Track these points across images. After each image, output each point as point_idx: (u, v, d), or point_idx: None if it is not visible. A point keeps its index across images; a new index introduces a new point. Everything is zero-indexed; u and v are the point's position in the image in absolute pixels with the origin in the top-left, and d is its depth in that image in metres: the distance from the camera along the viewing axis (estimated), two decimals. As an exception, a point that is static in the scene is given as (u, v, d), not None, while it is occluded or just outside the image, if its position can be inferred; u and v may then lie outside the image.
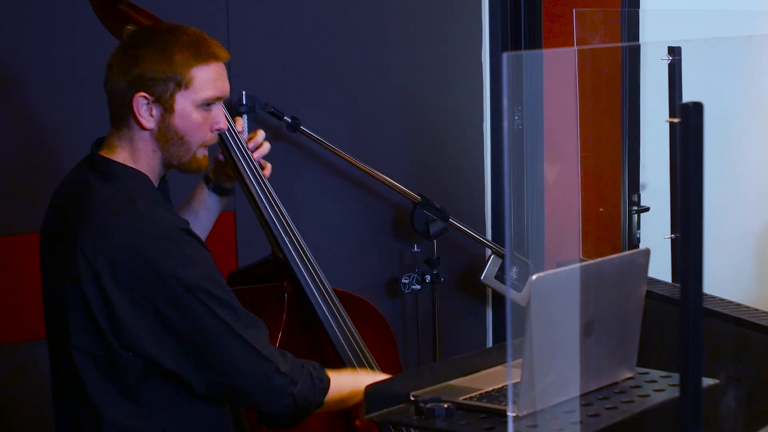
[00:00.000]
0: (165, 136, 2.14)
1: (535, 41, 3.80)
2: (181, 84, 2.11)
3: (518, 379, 1.79)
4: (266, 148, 2.53)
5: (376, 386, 1.97)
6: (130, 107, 2.12)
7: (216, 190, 2.54)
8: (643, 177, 3.56)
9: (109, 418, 2.10)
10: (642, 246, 3.36)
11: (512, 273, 3.48)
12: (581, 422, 1.80)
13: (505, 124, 3.42)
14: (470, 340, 3.93)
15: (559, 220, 3.72)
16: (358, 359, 2.58)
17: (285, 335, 2.53)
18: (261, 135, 2.52)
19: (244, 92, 3.32)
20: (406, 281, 3.52)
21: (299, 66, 3.51)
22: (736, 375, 2.34)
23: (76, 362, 2.10)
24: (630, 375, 2.01)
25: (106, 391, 2.10)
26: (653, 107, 3.42)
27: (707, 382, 1.93)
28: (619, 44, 3.50)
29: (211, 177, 2.54)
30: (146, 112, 2.12)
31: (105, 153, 2.18)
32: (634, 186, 3.53)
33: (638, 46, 3.50)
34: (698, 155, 1.31)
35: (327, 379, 2.20)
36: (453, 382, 2.05)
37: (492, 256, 3.55)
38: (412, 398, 1.95)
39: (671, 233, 3.02)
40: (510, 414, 1.81)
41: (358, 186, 3.65)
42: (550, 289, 1.79)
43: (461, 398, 1.93)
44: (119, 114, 2.15)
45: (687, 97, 2.98)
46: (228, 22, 3.34)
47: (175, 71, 2.10)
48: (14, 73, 3.07)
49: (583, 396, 1.89)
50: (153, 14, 2.42)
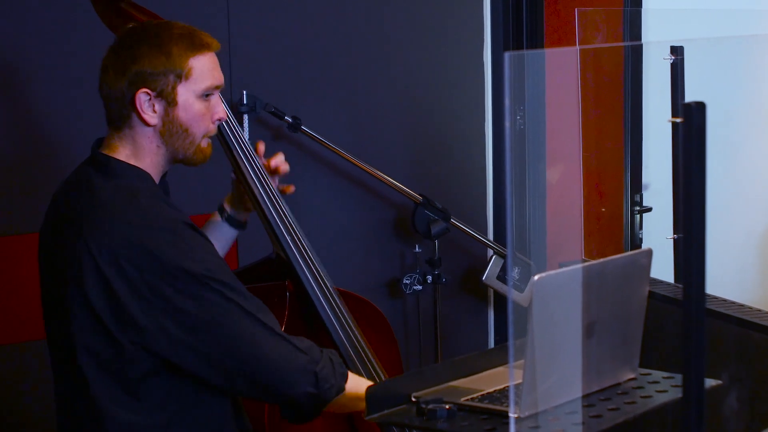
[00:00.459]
0: (169, 130, 2.15)
1: (537, 41, 3.79)
2: (181, 76, 2.12)
3: (520, 380, 1.79)
4: (286, 168, 2.57)
5: (378, 387, 1.97)
6: (133, 105, 2.13)
7: (230, 221, 2.55)
8: (646, 177, 3.55)
9: (112, 415, 2.10)
10: (644, 246, 3.35)
11: (514, 273, 3.47)
12: (583, 423, 1.80)
13: (507, 123, 3.42)
14: (472, 340, 3.93)
15: (561, 220, 3.71)
16: (360, 359, 2.58)
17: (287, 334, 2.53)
18: (281, 156, 2.57)
19: (244, 92, 3.31)
20: (408, 282, 3.51)
21: (300, 66, 3.51)
22: (739, 376, 2.34)
23: (79, 360, 2.10)
24: (632, 376, 2.00)
25: (110, 388, 2.10)
26: (656, 107, 3.41)
27: (710, 383, 1.92)
28: (622, 44, 3.49)
29: (226, 208, 2.55)
30: (149, 108, 2.13)
31: (106, 152, 2.18)
32: (637, 186, 3.52)
33: (641, 46, 3.50)
34: (701, 155, 1.30)
35: (345, 368, 2.21)
36: (454, 383, 2.05)
37: (494, 257, 3.54)
38: (413, 399, 1.95)
39: (674, 233, 3.02)
40: (512, 415, 1.80)
41: (359, 186, 3.64)
42: (552, 290, 1.79)
43: (463, 399, 1.93)
44: (119, 115, 2.15)
45: (690, 96, 2.97)
46: (228, 22, 3.34)
47: (173, 64, 2.12)
48: (14, 73, 3.07)
49: (585, 397, 1.88)
50: (155, 13, 2.42)
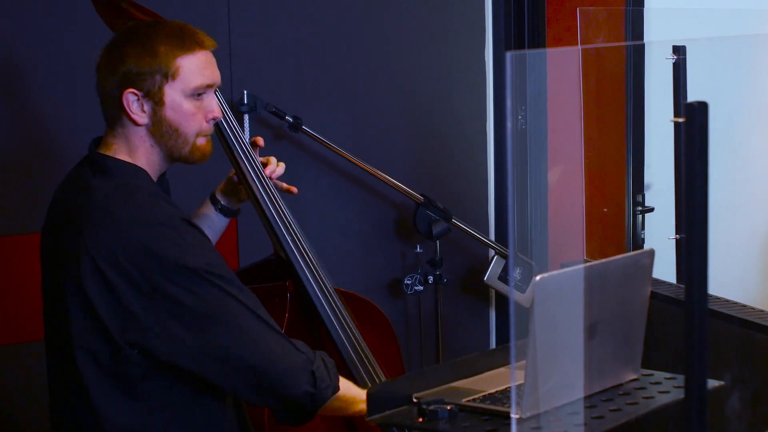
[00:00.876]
0: (159, 129, 2.14)
1: (538, 40, 3.79)
2: (167, 75, 2.12)
3: (522, 381, 1.79)
4: (281, 169, 2.56)
5: (379, 388, 1.96)
6: (121, 105, 2.13)
7: (222, 211, 2.54)
8: (648, 177, 3.54)
9: (110, 417, 2.10)
10: (646, 247, 3.34)
11: (516, 274, 3.47)
12: (585, 424, 1.80)
13: (509, 123, 3.41)
14: (473, 341, 3.92)
15: (562, 220, 3.70)
16: (360, 360, 2.57)
17: (287, 335, 2.52)
18: (274, 160, 2.56)
19: (245, 92, 3.31)
20: (409, 282, 3.50)
21: (301, 65, 3.50)
22: (741, 376, 2.33)
23: (78, 362, 2.10)
24: (634, 376, 2.00)
25: (108, 390, 2.10)
26: (658, 107, 3.41)
27: (712, 383, 1.92)
28: (624, 43, 3.49)
29: (219, 199, 2.55)
30: (137, 108, 2.13)
31: (102, 151, 2.18)
32: (639, 186, 3.52)
33: (643, 45, 3.49)
34: (703, 155, 1.31)
35: (336, 370, 2.21)
36: (456, 384, 2.05)
37: (495, 257, 3.54)
38: (414, 400, 1.94)
39: (676, 234, 3.02)
40: (513, 416, 1.80)
41: (360, 186, 3.64)
42: (554, 290, 1.78)
43: (464, 400, 1.93)
44: (112, 114, 2.16)
45: (692, 96, 2.97)
46: (229, 22, 3.34)
47: (160, 63, 2.11)
48: (14, 73, 3.06)
49: (587, 398, 1.88)
50: (155, 12, 2.41)
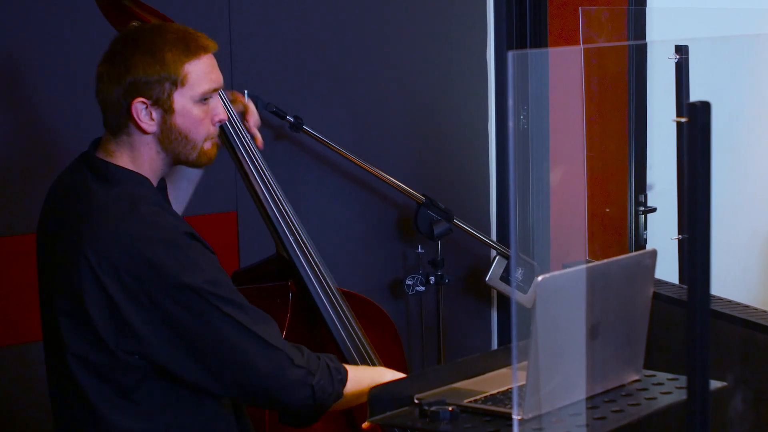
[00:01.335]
0: (168, 137, 2.12)
1: (540, 40, 3.78)
2: (176, 83, 2.09)
3: (523, 382, 1.78)
4: (256, 116, 2.58)
5: (380, 389, 1.96)
6: (130, 114, 2.10)
7: None
8: (650, 177, 3.54)
9: (109, 421, 2.09)
10: (649, 247, 3.34)
11: (517, 274, 3.46)
12: (587, 425, 1.80)
13: (511, 123, 3.41)
14: (475, 342, 3.92)
15: (564, 220, 3.70)
16: (363, 360, 2.57)
17: (289, 335, 2.52)
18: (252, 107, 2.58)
19: (246, 91, 3.27)
20: (410, 282, 3.50)
21: (301, 65, 3.50)
22: (744, 377, 2.32)
23: (73, 368, 2.09)
24: (637, 377, 2.00)
25: (106, 395, 2.09)
26: (660, 106, 3.40)
27: (715, 384, 1.92)
28: (626, 43, 3.48)
29: None
30: (146, 116, 2.10)
31: (102, 157, 2.15)
32: (641, 186, 3.51)
33: (645, 45, 3.49)
34: (706, 155, 1.31)
35: (344, 371, 2.19)
36: (457, 385, 2.04)
37: (497, 257, 3.53)
38: (416, 401, 1.94)
39: (678, 234, 3.01)
40: (515, 417, 1.80)
41: (361, 186, 3.63)
42: (556, 291, 1.78)
43: (466, 401, 1.93)
44: (117, 122, 2.13)
45: (694, 96, 2.96)
46: (230, 22, 3.33)
47: (168, 71, 2.08)
48: (15, 73, 3.06)
49: (589, 399, 1.88)
50: (157, 10, 2.40)
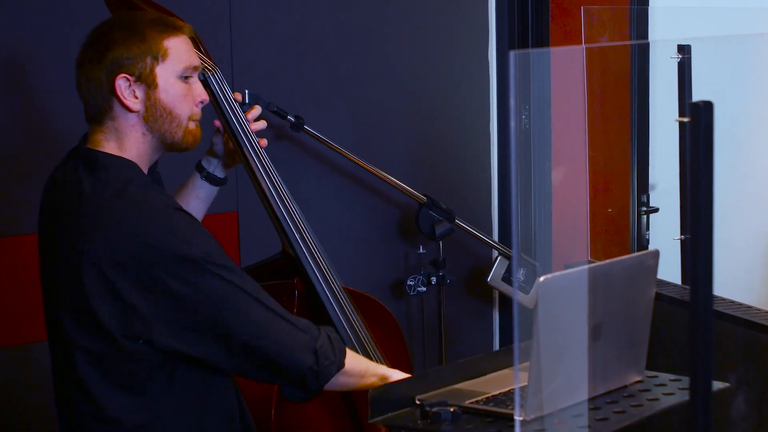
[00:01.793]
0: (153, 114, 2.14)
1: (542, 39, 3.78)
2: (157, 57, 2.12)
3: (525, 383, 1.78)
4: (262, 125, 2.59)
5: (381, 389, 1.96)
6: (114, 92, 2.12)
7: (208, 179, 2.54)
8: (653, 177, 3.53)
9: (114, 414, 2.10)
10: (651, 247, 3.33)
11: (519, 275, 3.45)
12: (589, 426, 1.80)
13: (512, 123, 3.40)
14: (477, 342, 3.91)
15: (567, 221, 3.69)
16: (368, 358, 2.57)
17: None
18: (258, 110, 2.60)
19: (246, 91, 3.28)
20: (412, 283, 3.49)
21: (303, 64, 3.49)
22: (747, 378, 2.32)
23: (78, 363, 2.09)
24: (639, 378, 1.99)
25: (111, 389, 2.10)
26: (663, 106, 3.40)
27: (717, 385, 1.92)
28: (628, 42, 3.48)
29: (204, 166, 2.56)
30: (130, 93, 2.12)
31: (90, 146, 2.17)
32: (644, 186, 3.51)
33: (647, 44, 3.49)
34: (708, 155, 1.30)
35: (344, 344, 2.22)
36: (459, 386, 2.04)
37: (499, 258, 3.52)
38: (417, 402, 1.94)
39: (681, 234, 3.01)
40: (517, 418, 1.80)
41: (362, 186, 3.63)
42: (558, 291, 1.78)
43: (468, 402, 1.93)
44: (100, 106, 2.15)
45: (697, 95, 2.96)
46: (231, 21, 3.33)
47: (149, 46, 2.12)
48: (15, 73, 3.06)
49: (591, 400, 1.88)
50: (164, 7, 2.41)
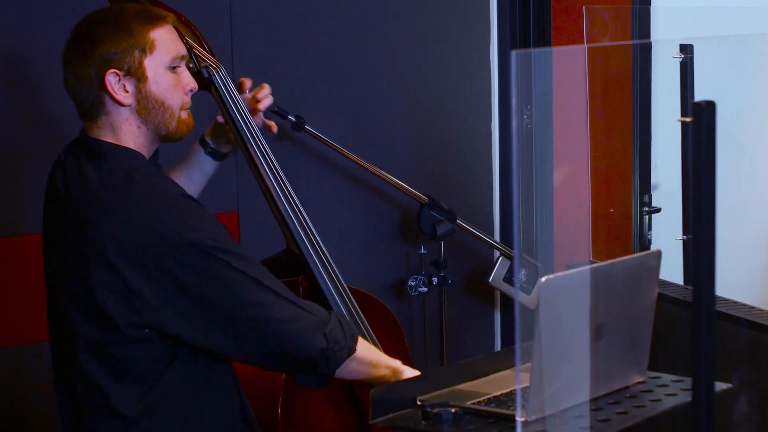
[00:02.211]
0: (146, 107, 2.14)
1: (544, 39, 3.77)
2: (145, 50, 2.12)
3: (527, 384, 1.78)
4: (270, 100, 2.59)
5: (382, 390, 1.96)
6: (104, 88, 2.12)
7: (212, 154, 2.55)
8: (655, 177, 3.53)
9: (118, 407, 2.10)
10: (653, 248, 3.33)
11: (521, 275, 3.45)
12: (591, 427, 1.80)
13: (514, 123, 3.40)
14: (478, 343, 3.91)
15: (568, 221, 3.69)
16: None
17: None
18: (267, 89, 2.59)
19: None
20: (413, 283, 3.49)
21: (303, 64, 3.49)
22: (750, 379, 2.32)
23: (82, 356, 2.10)
24: (641, 379, 1.99)
25: (115, 382, 2.10)
26: (665, 106, 3.40)
27: (720, 386, 1.91)
28: (630, 42, 3.47)
29: (208, 141, 2.56)
30: (120, 88, 2.12)
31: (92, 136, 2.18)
32: (646, 186, 3.50)
33: (649, 44, 3.48)
34: (711, 155, 1.30)
35: (355, 330, 2.22)
36: (461, 387, 2.04)
37: (500, 258, 3.52)
38: (419, 403, 1.94)
39: (683, 235, 3.01)
40: (519, 419, 1.80)
41: (363, 186, 3.62)
42: (560, 292, 1.78)
43: (469, 403, 1.93)
44: (92, 103, 2.15)
45: (699, 95, 2.96)
46: (231, 21, 3.33)
47: (136, 39, 2.12)
48: (16, 73, 3.05)
49: (593, 400, 1.88)
50: (167, 5, 2.41)
